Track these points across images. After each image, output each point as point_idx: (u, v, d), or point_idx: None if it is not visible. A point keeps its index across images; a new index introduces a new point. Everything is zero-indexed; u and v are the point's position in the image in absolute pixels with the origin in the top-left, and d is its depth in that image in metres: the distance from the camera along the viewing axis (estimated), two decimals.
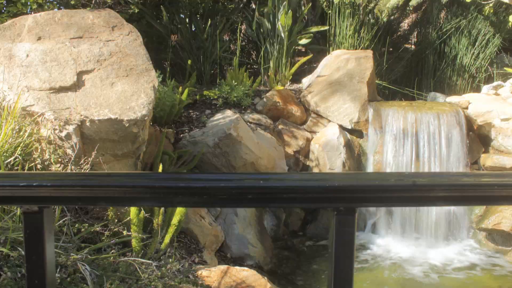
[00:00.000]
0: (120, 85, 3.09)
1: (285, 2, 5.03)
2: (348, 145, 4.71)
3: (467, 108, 4.66)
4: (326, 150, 4.60)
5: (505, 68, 5.22)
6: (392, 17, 6.77)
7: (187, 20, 5.51)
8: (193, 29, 5.59)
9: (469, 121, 4.64)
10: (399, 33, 7.07)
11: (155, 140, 3.78)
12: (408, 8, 7.01)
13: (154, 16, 5.31)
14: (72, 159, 2.63)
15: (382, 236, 4.52)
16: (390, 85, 5.85)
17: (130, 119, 2.97)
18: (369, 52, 5.04)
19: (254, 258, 3.74)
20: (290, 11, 5.13)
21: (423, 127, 4.42)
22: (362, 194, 0.62)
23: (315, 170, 4.75)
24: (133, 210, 2.73)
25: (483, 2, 4.90)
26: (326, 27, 5.60)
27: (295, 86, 5.53)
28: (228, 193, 0.67)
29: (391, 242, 4.44)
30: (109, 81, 3.08)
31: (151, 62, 3.31)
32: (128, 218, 2.81)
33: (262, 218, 4.23)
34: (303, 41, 5.41)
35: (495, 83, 4.99)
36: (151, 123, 4.12)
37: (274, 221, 4.33)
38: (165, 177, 0.82)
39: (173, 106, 4.14)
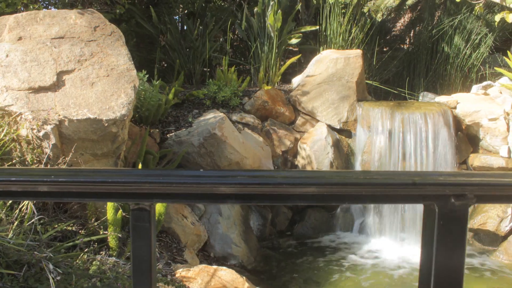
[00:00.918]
0: (101, 85, 3.10)
1: (273, 2, 5.03)
2: (336, 145, 4.71)
3: (455, 108, 4.64)
4: (313, 150, 4.60)
5: (495, 68, 5.20)
6: (389, 17, 6.77)
7: (177, 20, 5.53)
8: (185, 29, 5.60)
9: (458, 121, 4.63)
10: (393, 32, 7.07)
11: (140, 139, 3.79)
12: (404, 7, 7.00)
13: (144, 16, 5.33)
14: (46, 158, 2.64)
15: (369, 236, 4.52)
16: (381, 85, 5.84)
17: (109, 118, 2.99)
18: (359, 52, 5.03)
19: (238, 258, 3.75)
20: (279, 10, 5.14)
21: (410, 127, 4.41)
22: (157, 191, 0.63)
23: (307, 169, 4.75)
24: (109, 209, 2.74)
25: (473, 2, 4.88)
26: (317, 27, 5.60)
27: (285, 86, 5.54)
28: None
29: (378, 242, 4.43)
30: (89, 81, 3.10)
31: (132, 62, 3.33)
32: (106, 217, 2.83)
33: (248, 218, 4.24)
34: (293, 40, 5.41)
35: (484, 83, 4.98)
36: (137, 123, 4.14)
37: (260, 220, 4.34)
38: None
39: (159, 106, 4.15)
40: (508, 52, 4.82)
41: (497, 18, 4.08)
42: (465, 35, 5.72)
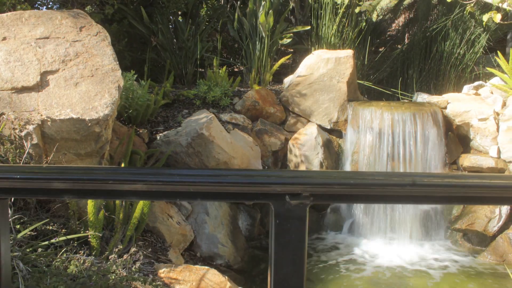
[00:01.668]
0: (85, 85, 3.11)
1: (264, 2, 5.04)
2: (327, 145, 4.71)
3: (446, 108, 4.63)
4: (303, 150, 4.61)
5: (487, 68, 5.18)
6: (386, 17, 6.75)
7: (169, 20, 5.54)
8: (177, 29, 5.61)
9: (448, 121, 4.62)
10: (389, 32, 7.06)
11: (127, 139, 3.80)
12: (401, 7, 6.99)
13: (137, 16, 5.34)
14: (25, 157, 2.66)
15: (359, 236, 4.51)
16: (374, 85, 5.84)
17: (92, 118, 3.00)
18: (350, 52, 5.03)
19: (224, 258, 3.75)
20: (271, 10, 5.14)
21: (400, 127, 4.41)
22: (12, 186, 0.64)
23: (300, 169, 4.75)
24: (90, 208, 2.75)
25: (464, 2, 4.87)
26: (309, 27, 5.60)
27: (277, 86, 5.54)
28: None
29: (367, 242, 4.43)
30: (73, 81, 3.11)
31: (117, 62, 3.34)
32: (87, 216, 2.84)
33: (237, 218, 4.25)
34: (284, 41, 5.42)
35: (476, 83, 4.96)
36: (125, 123, 4.15)
37: (249, 220, 4.34)
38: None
39: (148, 106, 4.16)
40: (498, 52, 4.81)
41: (485, 18, 4.08)
42: (459, 35, 5.71)
